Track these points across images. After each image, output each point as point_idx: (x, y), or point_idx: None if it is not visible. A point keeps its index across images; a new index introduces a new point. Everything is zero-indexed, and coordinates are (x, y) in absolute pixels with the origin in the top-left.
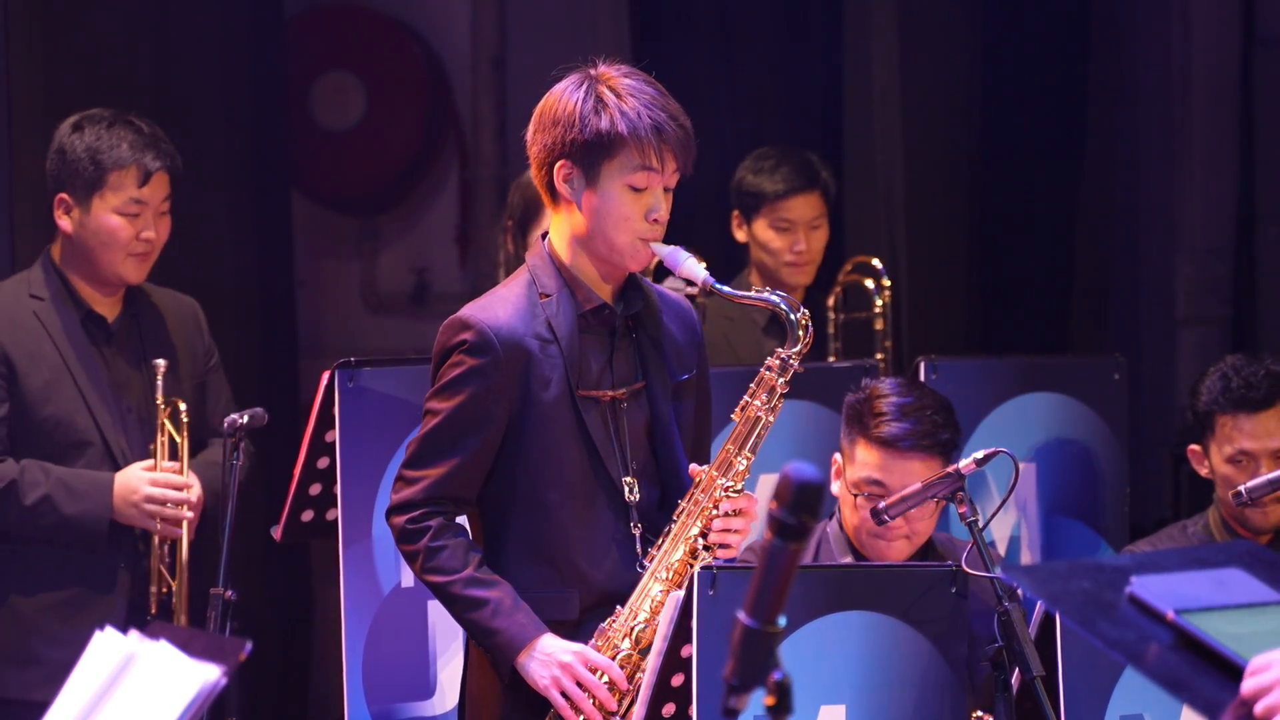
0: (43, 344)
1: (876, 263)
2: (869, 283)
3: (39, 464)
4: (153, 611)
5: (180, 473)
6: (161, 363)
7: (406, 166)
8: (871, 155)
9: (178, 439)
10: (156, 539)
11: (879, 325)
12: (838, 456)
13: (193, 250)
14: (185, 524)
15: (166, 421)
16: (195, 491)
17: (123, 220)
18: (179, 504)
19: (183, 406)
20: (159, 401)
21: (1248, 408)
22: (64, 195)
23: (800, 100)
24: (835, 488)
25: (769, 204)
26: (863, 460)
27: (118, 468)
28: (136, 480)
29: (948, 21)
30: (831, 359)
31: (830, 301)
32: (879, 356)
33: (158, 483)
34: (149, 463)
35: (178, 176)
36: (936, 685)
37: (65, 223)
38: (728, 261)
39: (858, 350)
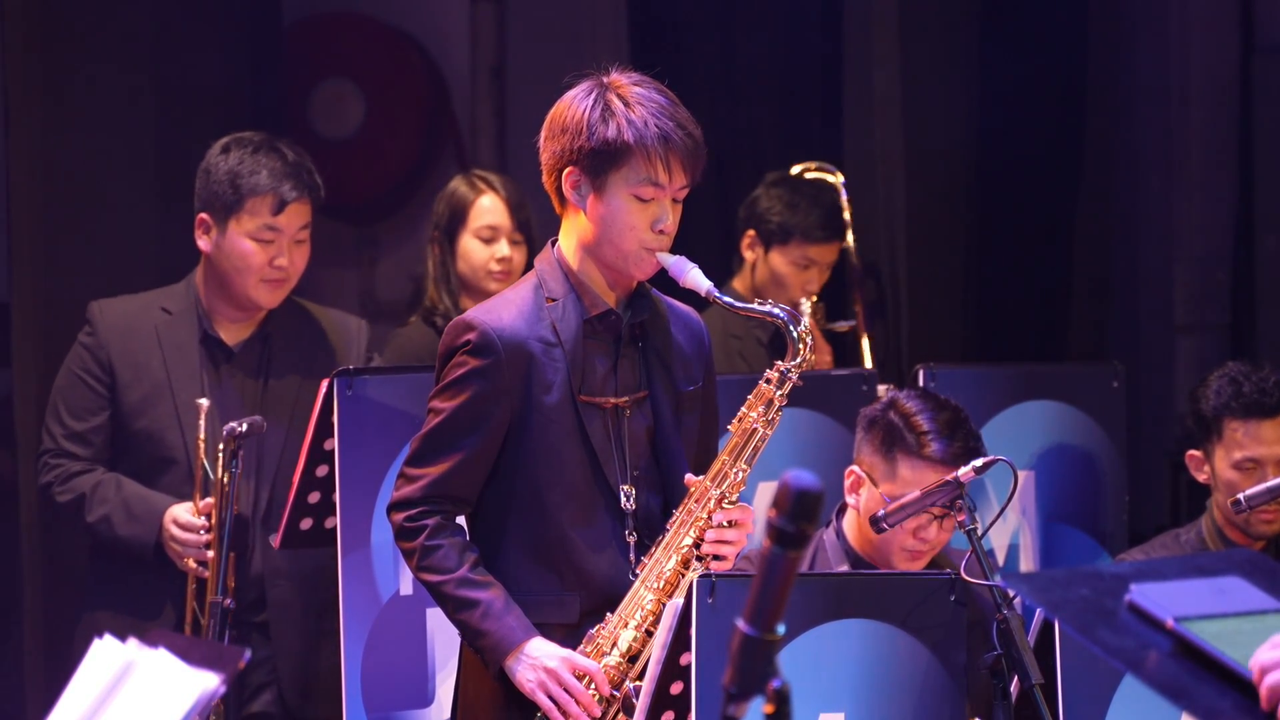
0: (151, 358)
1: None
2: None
3: (117, 480)
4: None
5: (212, 512)
6: (204, 403)
7: (405, 175)
8: (871, 163)
9: (212, 477)
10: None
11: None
12: (856, 469)
13: (193, 257)
14: (209, 564)
15: (204, 460)
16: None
17: (256, 246)
18: (196, 545)
19: (220, 447)
20: (200, 439)
21: (1260, 414)
22: (204, 216)
23: (800, 108)
24: (851, 500)
25: (798, 242)
26: (907, 478)
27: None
28: (167, 518)
29: (948, 30)
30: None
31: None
32: (869, 364)
33: (179, 522)
34: (191, 504)
35: (319, 206)
36: (935, 693)
37: (204, 243)
38: (717, 269)
39: (848, 360)
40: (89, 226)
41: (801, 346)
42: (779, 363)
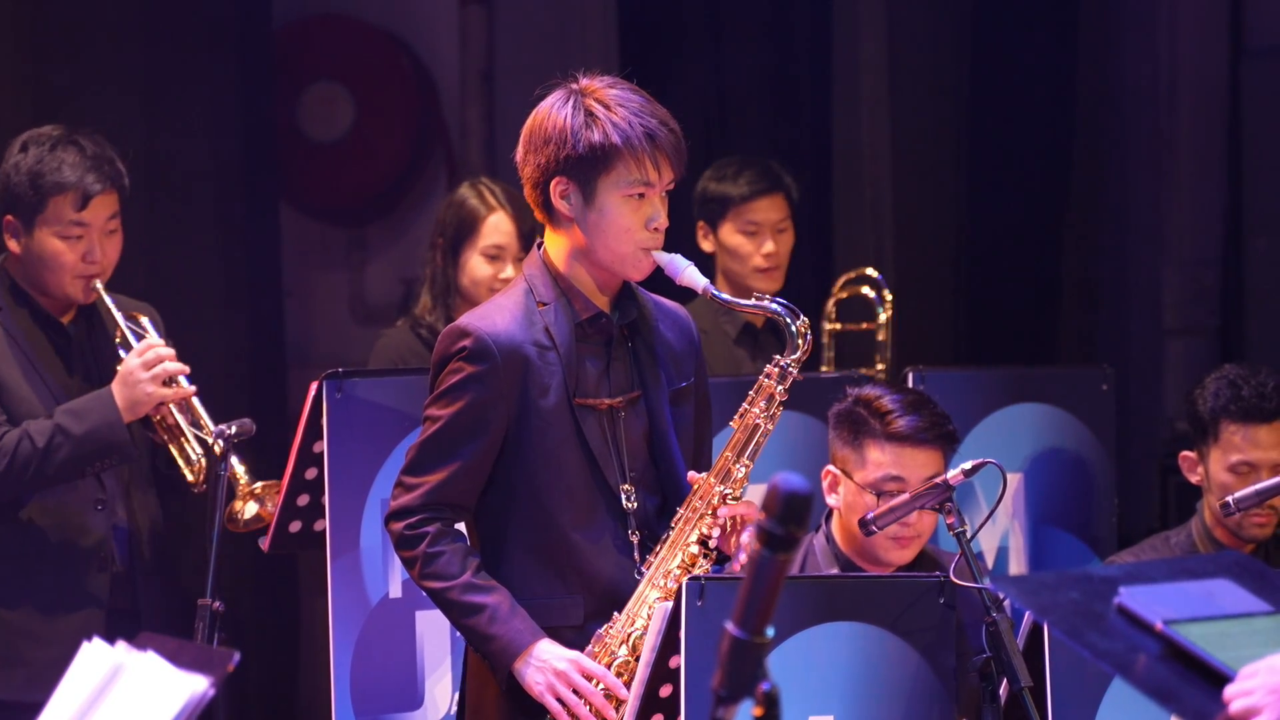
0: (8, 347)
1: (872, 272)
2: (868, 291)
3: (45, 416)
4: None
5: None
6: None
7: (395, 177)
8: (860, 166)
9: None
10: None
11: (882, 336)
12: (831, 468)
13: (181, 260)
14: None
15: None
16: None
17: (65, 244)
18: (169, 357)
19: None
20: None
21: (1259, 418)
22: (9, 218)
23: (789, 110)
24: (832, 500)
25: (735, 208)
26: (876, 460)
27: None
28: (124, 366)
29: (936, 32)
30: (825, 369)
31: (830, 308)
32: (880, 366)
33: (141, 352)
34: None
35: (125, 195)
36: (924, 696)
37: (13, 245)
38: (707, 272)
39: (850, 362)
40: None
41: (800, 341)
42: (778, 357)
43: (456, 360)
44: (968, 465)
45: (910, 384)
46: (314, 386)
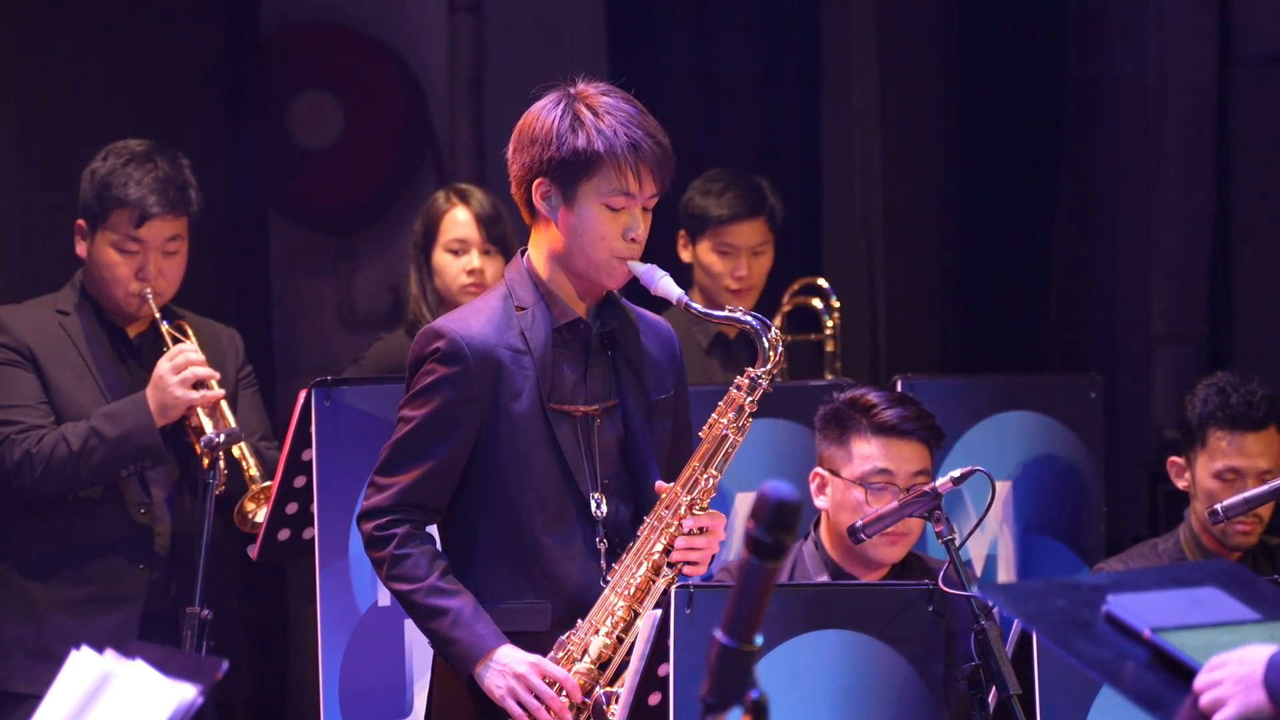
0: (67, 350)
1: (823, 283)
2: (817, 303)
3: (83, 420)
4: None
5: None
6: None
7: (384, 185)
8: (849, 175)
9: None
10: (215, 474)
11: (830, 347)
12: (819, 470)
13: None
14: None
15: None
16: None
17: (120, 256)
18: (198, 362)
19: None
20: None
21: (1246, 426)
22: (80, 221)
23: (778, 119)
24: (820, 502)
25: (713, 228)
26: (864, 453)
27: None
28: (156, 371)
29: (926, 41)
30: (779, 380)
31: (776, 322)
32: (828, 377)
33: (171, 357)
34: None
35: (192, 219)
36: (913, 703)
37: (80, 248)
38: (692, 278)
39: (803, 372)
40: (67, 236)
41: (772, 354)
42: (749, 369)
43: (430, 362)
44: (956, 473)
45: (899, 391)
46: (302, 394)
